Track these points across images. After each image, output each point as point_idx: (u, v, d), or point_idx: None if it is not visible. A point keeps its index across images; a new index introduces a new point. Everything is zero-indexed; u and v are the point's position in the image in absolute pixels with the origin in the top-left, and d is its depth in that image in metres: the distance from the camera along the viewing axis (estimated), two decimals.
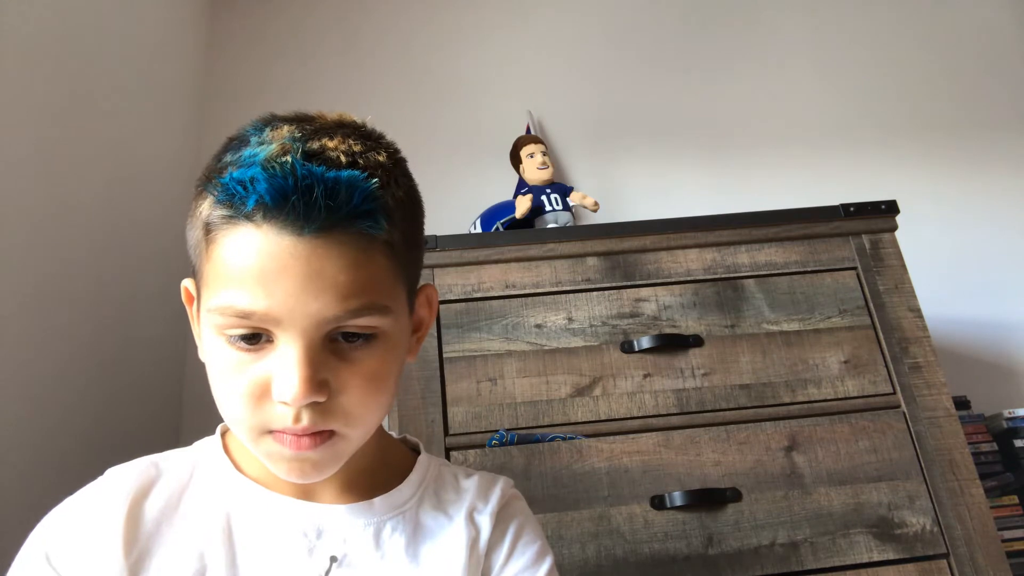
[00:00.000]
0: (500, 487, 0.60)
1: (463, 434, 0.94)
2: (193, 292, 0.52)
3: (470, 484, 0.59)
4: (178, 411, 1.39)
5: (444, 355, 0.98)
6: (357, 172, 0.44)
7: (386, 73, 1.72)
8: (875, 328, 1.01)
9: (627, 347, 0.99)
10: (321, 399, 0.44)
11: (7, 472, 0.90)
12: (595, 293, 1.02)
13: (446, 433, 0.93)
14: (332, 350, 0.45)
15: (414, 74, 1.72)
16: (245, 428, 0.46)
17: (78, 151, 1.11)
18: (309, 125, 0.47)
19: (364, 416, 0.47)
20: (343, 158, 0.45)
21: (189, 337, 1.42)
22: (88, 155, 1.14)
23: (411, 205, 0.51)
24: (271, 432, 0.46)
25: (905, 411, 0.96)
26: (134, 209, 1.28)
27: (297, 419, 0.44)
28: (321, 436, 0.46)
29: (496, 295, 1.01)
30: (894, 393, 0.98)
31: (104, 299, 1.16)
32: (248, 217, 0.43)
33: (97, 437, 1.10)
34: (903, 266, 1.05)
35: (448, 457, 0.92)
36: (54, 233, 1.03)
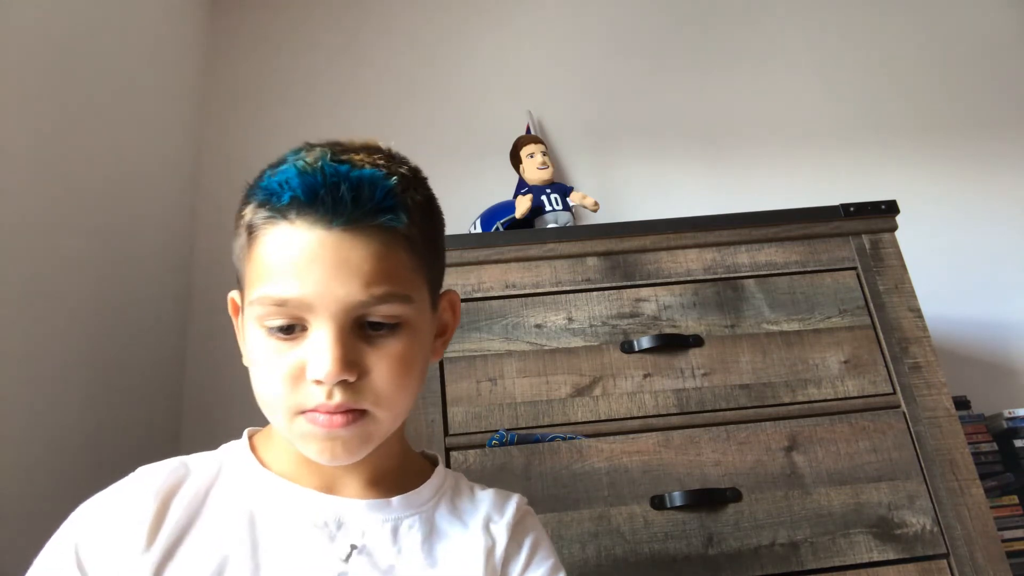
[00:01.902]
0: (515, 501, 0.62)
1: (463, 434, 0.94)
2: (238, 301, 0.55)
3: (485, 496, 0.62)
4: (178, 414, 1.39)
5: (444, 355, 0.97)
6: (378, 171, 0.49)
7: (386, 73, 1.72)
8: (875, 328, 1.01)
9: (627, 347, 0.99)
10: (351, 378, 0.48)
11: (6, 473, 0.90)
12: (595, 293, 1.02)
13: (446, 433, 0.93)
14: (361, 337, 0.49)
15: (414, 74, 1.72)
16: (282, 409, 0.49)
17: (77, 151, 1.11)
18: (339, 147, 0.52)
19: (392, 398, 0.50)
20: (367, 166, 0.50)
21: (189, 339, 1.43)
22: (87, 155, 1.14)
23: (430, 211, 0.56)
24: (304, 413, 0.49)
25: (905, 411, 0.96)
26: (134, 209, 1.28)
27: (330, 396, 0.47)
28: (353, 415, 0.49)
29: (496, 295, 1.01)
30: (894, 393, 0.98)
31: (103, 301, 1.16)
32: (283, 214, 0.48)
33: (96, 440, 1.10)
34: (903, 266, 1.05)
35: (448, 457, 0.92)
36: (53, 233, 1.03)
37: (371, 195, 0.48)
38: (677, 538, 0.89)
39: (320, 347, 0.47)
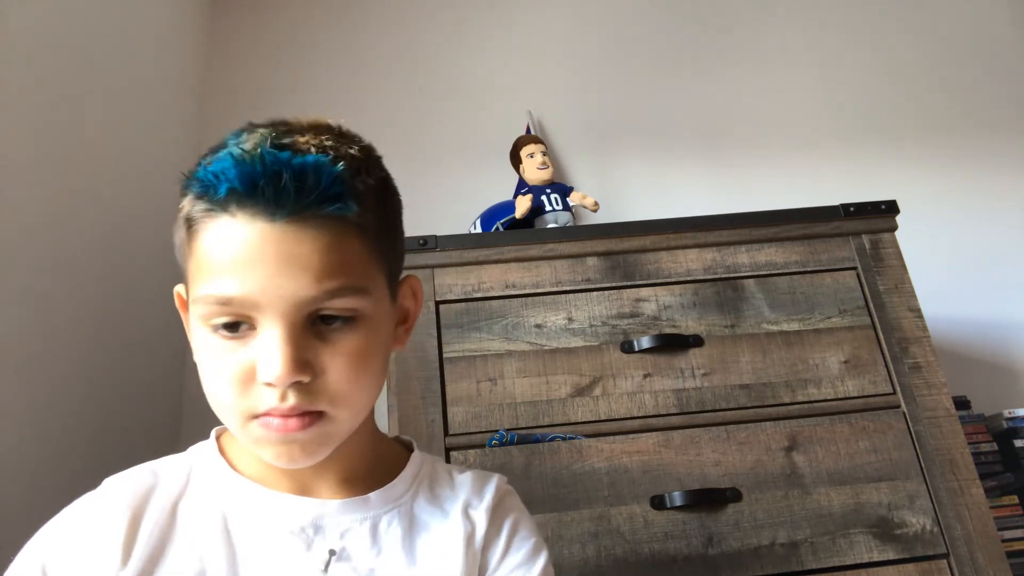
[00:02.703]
0: (494, 483, 0.60)
1: (463, 434, 0.94)
2: (185, 296, 0.52)
3: (464, 480, 0.60)
4: (178, 415, 1.39)
5: (444, 355, 0.98)
6: (323, 156, 0.46)
7: (386, 73, 1.72)
8: (875, 328, 1.01)
9: (627, 347, 0.99)
10: (305, 379, 0.45)
11: (8, 474, 0.90)
12: (595, 293, 1.02)
13: (446, 433, 0.93)
14: (314, 333, 0.46)
15: (414, 74, 1.72)
16: (234, 414, 0.47)
17: (78, 152, 1.11)
18: (283, 127, 0.49)
19: (350, 396, 0.48)
20: (312, 149, 0.46)
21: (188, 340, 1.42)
22: (88, 156, 1.14)
23: (384, 194, 0.52)
24: (257, 417, 0.46)
25: (905, 411, 0.96)
26: (134, 210, 1.28)
27: (283, 398, 0.45)
28: (309, 418, 0.46)
29: (496, 295, 1.01)
30: (894, 393, 0.98)
31: (104, 301, 1.16)
32: (223, 207, 0.45)
33: (97, 440, 1.10)
34: (903, 266, 1.04)
35: (448, 457, 0.92)
36: (53, 234, 1.03)
37: (316, 183, 0.44)
38: (677, 538, 0.89)
39: (270, 348, 0.44)
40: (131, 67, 1.32)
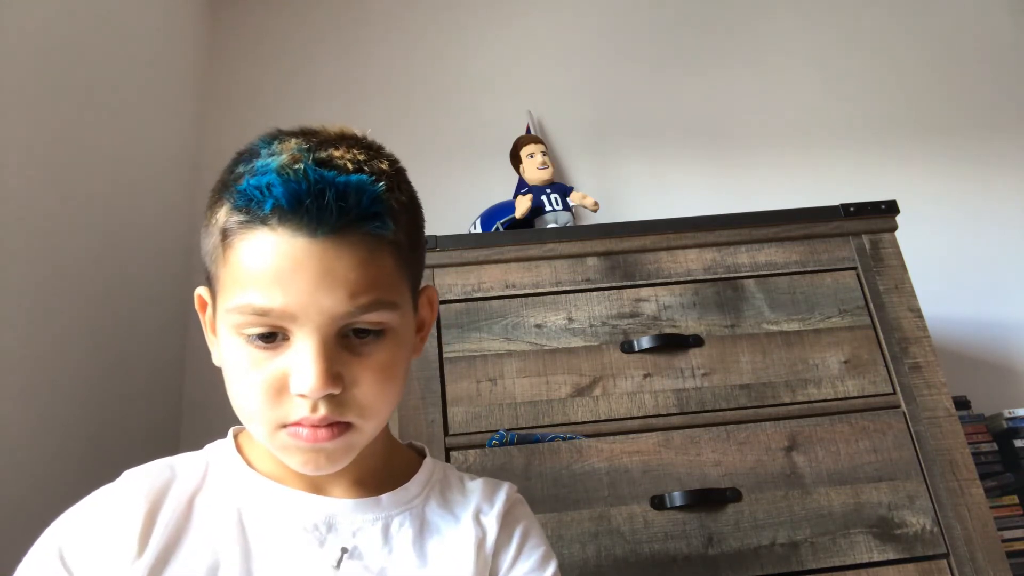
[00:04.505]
0: (505, 491, 0.61)
1: (463, 434, 0.94)
2: (207, 299, 0.54)
3: (475, 487, 0.61)
4: (178, 415, 1.39)
5: (444, 355, 0.98)
6: (365, 176, 0.47)
7: (386, 73, 1.72)
8: (875, 328, 1.01)
9: (627, 347, 0.99)
10: (336, 391, 0.46)
11: (9, 475, 0.90)
12: (595, 293, 1.02)
13: (446, 433, 0.93)
14: (344, 345, 0.47)
15: (414, 74, 1.72)
16: (263, 422, 0.48)
17: (78, 153, 1.11)
18: (314, 137, 0.50)
19: (377, 407, 0.49)
20: (350, 165, 0.47)
21: (189, 341, 1.43)
22: (88, 156, 1.14)
23: (413, 209, 0.54)
24: (286, 426, 0.47)
25: (905, 411, 0.96)
26: (134, 211, 1.28)
27: (314, 409, 0.46)
28: (338, 428, 0.48)
29: (496, 295, 1.01)
30: (894, 393, 0.98)
31: (103, 302, 1.16)
32: (264, 221, 0.45)
33: (98, 441, 1.10)
34: (903, 266, 1.05)
35: (448, 457, 0.92)
36: (54, 236, 1.03)
37: (358, 201, 0.46)
38: (677, 538, 0.89)
39: (304, 360, 0.45)
40: (131, 67, 1.32)
